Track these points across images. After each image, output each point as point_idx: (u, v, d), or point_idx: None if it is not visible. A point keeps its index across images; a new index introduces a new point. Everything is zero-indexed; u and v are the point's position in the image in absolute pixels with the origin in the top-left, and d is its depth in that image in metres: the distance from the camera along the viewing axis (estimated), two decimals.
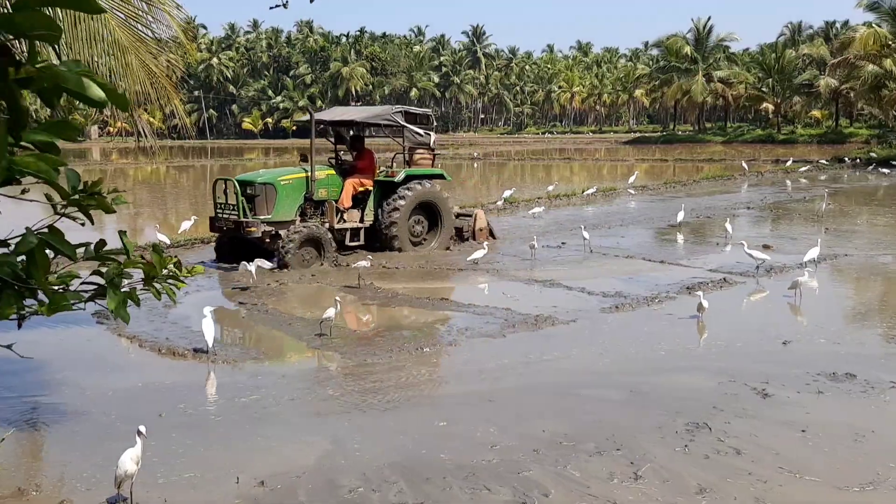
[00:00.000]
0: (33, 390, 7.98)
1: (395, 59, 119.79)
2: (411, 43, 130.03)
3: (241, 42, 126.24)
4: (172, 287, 2.37)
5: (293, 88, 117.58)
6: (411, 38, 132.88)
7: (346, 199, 15.01)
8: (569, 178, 39.48)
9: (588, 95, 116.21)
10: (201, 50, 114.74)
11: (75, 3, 1.38)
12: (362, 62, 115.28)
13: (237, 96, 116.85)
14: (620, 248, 15.98)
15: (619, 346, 9.19)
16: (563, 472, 5.76)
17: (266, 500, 5.39)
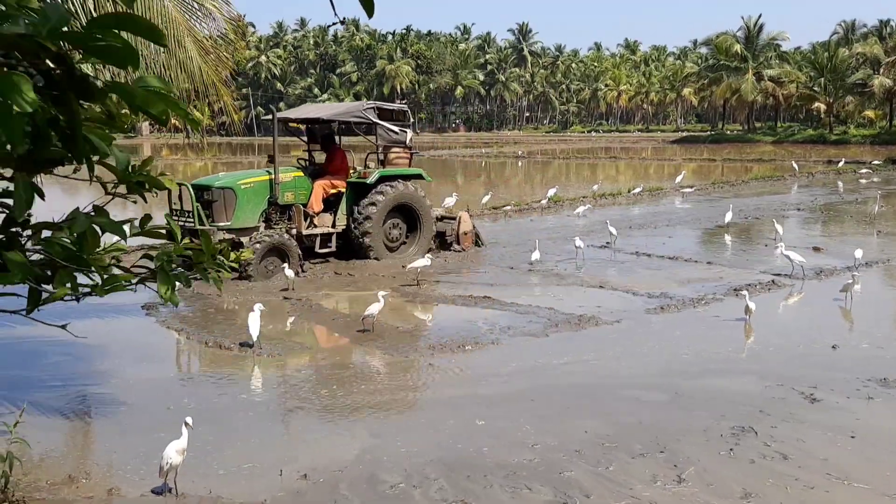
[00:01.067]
0: (81, 379, 8.18)
1: (441, 56, 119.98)
2: (457, 41, 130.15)
3: (289, 40, 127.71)
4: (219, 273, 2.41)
5: (339, 86, 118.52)
6: (457, 35, 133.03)
7: (315, 202, 13.96)
8: (614, 177, 39.14)
9: (635, 94, 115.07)
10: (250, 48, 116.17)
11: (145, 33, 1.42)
12: (407, 60, 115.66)
13: (284, 94, 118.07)
14: (666, 248, 15.80)
15: (664, 347, 9.10)
16: (604, 473, 5.73)
17: (309, 493, 5.46)
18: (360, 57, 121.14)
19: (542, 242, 15.68)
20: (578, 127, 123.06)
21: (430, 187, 18.87)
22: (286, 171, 13.87)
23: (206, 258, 2.37)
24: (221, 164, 51.54)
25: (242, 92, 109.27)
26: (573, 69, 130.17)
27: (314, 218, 13.96)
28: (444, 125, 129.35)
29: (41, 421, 6.74)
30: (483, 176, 41.57)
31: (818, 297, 11.77)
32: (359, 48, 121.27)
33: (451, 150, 70.90)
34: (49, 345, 9.10)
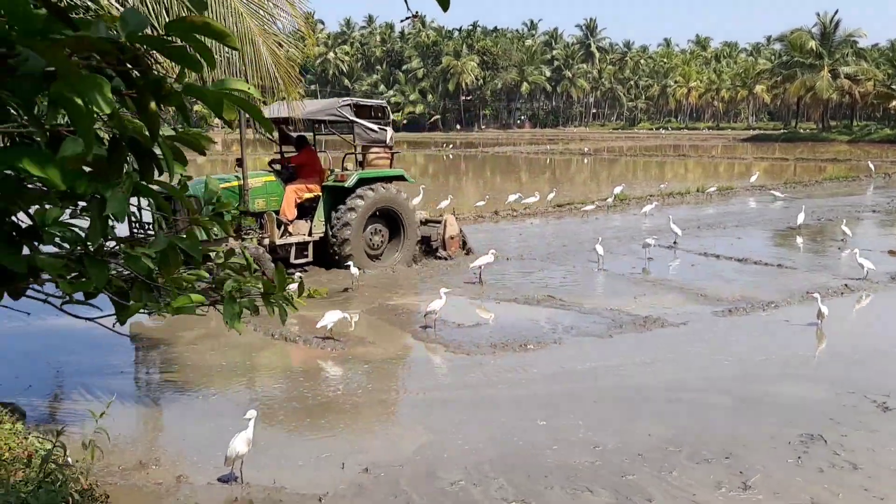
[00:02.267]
0: (152, 367, 8.42)
1: (507, 52, 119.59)
2: (523, 37, 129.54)
3: (356, 37, 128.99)
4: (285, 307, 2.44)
5: (405, 82, 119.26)
6: (523, 31, 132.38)
7: (287, 209, 12.83)
8: (683, 175, 38.41)
9: (705, 91, 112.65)
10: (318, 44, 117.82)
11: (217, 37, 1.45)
12: (473, 56, 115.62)
13: (351, 90, 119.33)
14: (735, 249, 15.44)
15: (731, 350, 8.90)
16: (667, 478, 5.64)
17: (370, 486, 5.51)
18: (426, 53, 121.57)
19: (608, 242, 15.50)
20: (646, 124, 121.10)
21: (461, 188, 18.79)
22: (256, 176, 12.60)
23: (277, 292, 2.40)
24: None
25: (310, 88, 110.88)
26: (642, 65, 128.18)
27: (288, 226, 12.95)
28: (508, 121, 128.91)
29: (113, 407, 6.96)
30: (547, 173, 41.28)
31: (893, 302, 11.36)
32: (425, 44, 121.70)
33: (516, 146, 70.60)
34: (120, 335, 9.40)
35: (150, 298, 2.01)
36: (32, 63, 1.28)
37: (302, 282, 2.51)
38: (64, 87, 1.25)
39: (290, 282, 2.38)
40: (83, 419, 6.65)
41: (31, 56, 1.28)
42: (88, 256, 1.83)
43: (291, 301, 2.43)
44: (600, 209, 22.56)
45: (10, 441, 4.96)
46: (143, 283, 1.94)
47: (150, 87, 1.41)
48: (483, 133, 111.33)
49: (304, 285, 2.50)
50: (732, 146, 69.55)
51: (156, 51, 1.38)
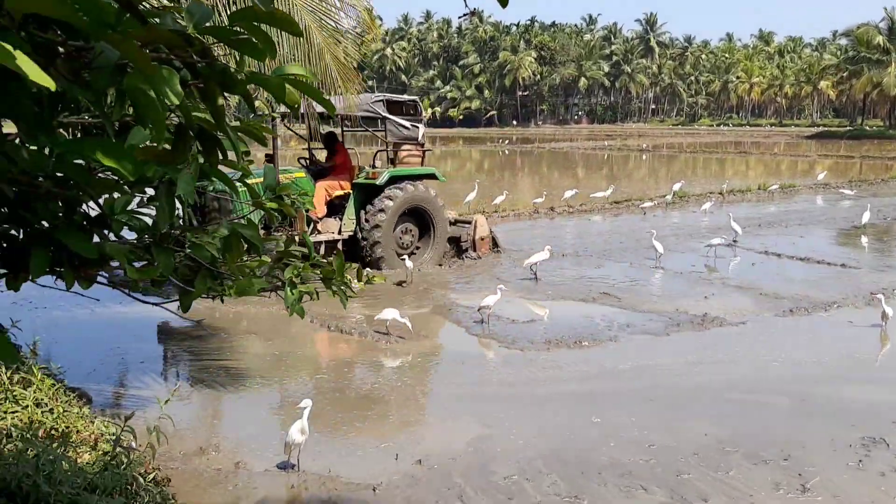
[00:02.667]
0: (213, 355, 8.61)
1: (565, 47, 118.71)
2: (582, 31, 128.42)
3: (414, 33, 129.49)
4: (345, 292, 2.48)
5: (461, 78, 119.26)
6: (582, 26, 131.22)
7: (318, 206, 12.54)
8: (744, 172, 37.64)
9: (768, 86, 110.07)
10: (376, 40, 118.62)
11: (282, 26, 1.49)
12: (531, 51, 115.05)
13: (408, 86, 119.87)
14: (797, 248, 15.09)
15: (791, 351, 8.71)
16: (724, 478, 5.56)
17: (423, 478, 5.56)
18: (483, 48, 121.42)
19: (666, 239, 15.29)
20: (707, 120, 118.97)
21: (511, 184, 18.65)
22: (286, 172, 12.22)
23: (336, 277, 2.44)
24: None
25: (368, 84, 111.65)
26: (703, 60, 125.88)
27: (317, 224, 12.73)
28: (566, 117, 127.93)
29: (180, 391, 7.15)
30: (605, 169, 40.88)
31: None
32: (482, 40, 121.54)
33: (573, 142, 70.06)
34: (181, 321, 9.64)
35: (213, 285, 2.07)
36: (106, 56, 1.33)
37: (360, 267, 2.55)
38: (137, 80, 1.30)
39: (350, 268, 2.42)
40: (146, 404, 6.84)
41: (106, 49, 1.33)
42: (155, 244, 1.89)
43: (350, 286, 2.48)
44: (659, 206, 22.25)
45: (78, 424, 5.13)
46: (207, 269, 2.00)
47: (216, 77, 1.45)
48: (540, 129, 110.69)
49: (362, 271, 2.54)
50: (796, 143, 67.84)
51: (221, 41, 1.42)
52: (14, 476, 3.79)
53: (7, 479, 3.77)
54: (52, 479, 3.75)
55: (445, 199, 23.54)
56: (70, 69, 1.42)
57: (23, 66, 1.01)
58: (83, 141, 1.74)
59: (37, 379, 5.49)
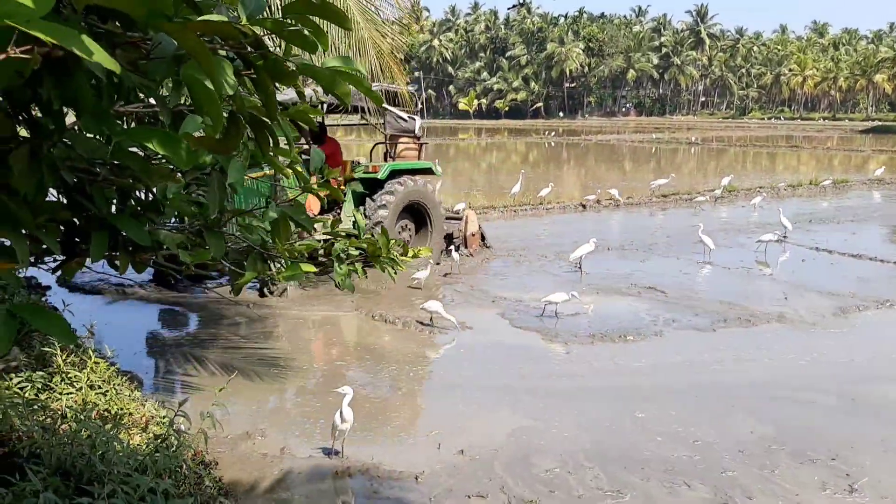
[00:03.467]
0: (260, 341, 8.74)
1: (614, 39, 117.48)
2: (631, 23, 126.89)
3: (461, 24, 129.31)
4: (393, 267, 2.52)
5: (508, 69, 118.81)
6: (631, 17, 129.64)
7: (310, 203, 11.25)
8: (795, 167, 36.89)
9: (821, 79, 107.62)
10: (423, 32, 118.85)
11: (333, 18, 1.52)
12: (579, 43, 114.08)
13: (454, 77, 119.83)
14: (849, 245, 14.76)
15: (842, 349, 8.54)
16: (769, 476, 5.48)
17: (465, 468, 5.58)
18: (530, 40, 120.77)
19: (714, 234, 15.06)
20: (758, 113, 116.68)
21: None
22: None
23: (383, 253, 2.48)
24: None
25: (414, 75, 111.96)
26: (754, 52, 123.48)
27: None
28: (613, 109, 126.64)
29: (222, 379, 7.28)
30: (652, 162, 40.40)
31: None
32: (529, 31, 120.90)
33: (620, 134, 69.35)
34: (226, 306, 9.80)
35: (264, 268, 2.12)
36: (165, 47, 1.37)
37: (405, 243, 2.58)
38: (194, 70, 1.33)
39: (395, 244, 2.45)
40: (194, 389, 6.99)
41: (164, 40, 1.37)
42: (207, 228, 1.94)
43: (397, 261, 2.51)
44: (709, 201, 21.91)
45: (130, 406, 5.26)
46: (258, 252, 2.04)
47: (268, 67, 1.48)
48: (586, 121, 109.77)
49: (407, 246, 2.57)
50: (849, 138, 66.21)
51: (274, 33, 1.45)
52: (69, 455, 3.90)
53: (62, 458, 3.89)
54: (105, 459, 3.86)
55: (491, 190, 23.59)
56: (129, 59, 1.46)
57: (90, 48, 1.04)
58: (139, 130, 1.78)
59: (91, 361, 5.63)
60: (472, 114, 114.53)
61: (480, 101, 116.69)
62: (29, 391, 4.96)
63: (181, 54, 1.37)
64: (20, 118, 1.70)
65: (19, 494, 3.39)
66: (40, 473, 3.59)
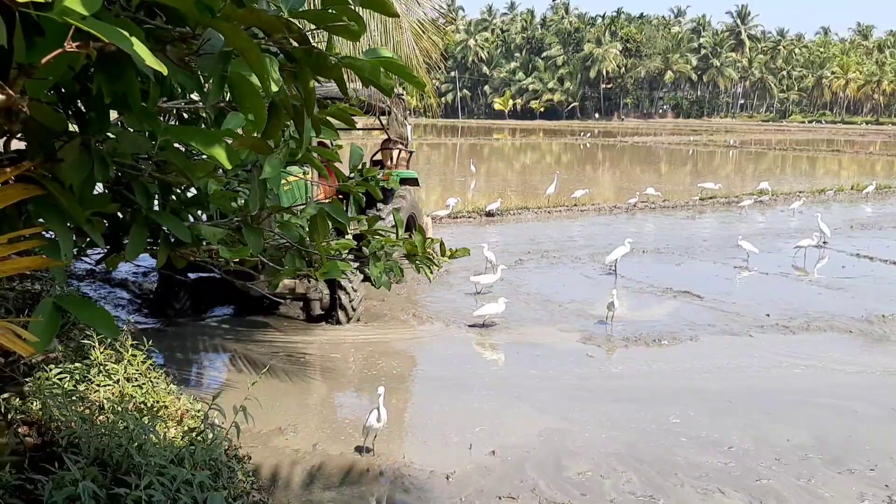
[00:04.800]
0: (293, 339, 8.79)
1: (652, 40, 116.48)
2: (669, 24, 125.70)
3: (497, 24, 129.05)
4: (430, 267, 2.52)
5: (544, 70, 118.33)
6: (670, 18, 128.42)
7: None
8: (836, 171, 36.25)
9: (865, 83, 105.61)
10: (459, 31, 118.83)
11: (378, 8, 1.52)
12: (616, 43, 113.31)
13: (490, 77, 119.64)
14: (892, 252, 14.47)
15: (881, 358, 8.38)
16: (806, 485, 5.39)
17: (496, 469, 5.57)
18: (566, 40, 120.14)
19: (751, 238, 14.85)
20: (798, 116, 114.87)
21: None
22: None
23: (419, 252, 2.48)
24: (427, 144, 53.00)
25: (450, 75, 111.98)
26: (796, 55, 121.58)
27: None
28: (650, 111, 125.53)
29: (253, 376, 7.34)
30: (689, 165, 39.96)
31: None
32: (566, 31, 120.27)
33: (657, 136, 68.70)
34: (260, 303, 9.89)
35: (301, 265, 2.12)
36: (213, 43, 1.38)
37: (442, 242, 2.57)
38: (241, 66, 1.34)
39: (432, 243, 2.44)
40: (227, 384, 7.06)
41: (213, 36, 1.38)
42: (246, 224, 1.95)
43: (435, 261, 2.51)
44: (752, 206, 21.59)
45: (166, 400, 5.32)
46: (296, 249, 2.05)
47: (311, 62, 1.48)
48: (623, 122, 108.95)
49: (444, 245, 2.57)
50: (893, 143, 64.90)
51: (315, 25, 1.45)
52: (106, 446, 3.96)
53: (100, 448, 3.94)
54: (142, 451, 3.91)
55: (525, 190, 23.50)
56: (178, 55, 1.48)
57: (138, 51, 1.06)
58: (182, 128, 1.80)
59: (128, 354, 5.71)
60: (507, 114, 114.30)
61: (515, 101, 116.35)
62: (68, 382, 5.03)
63: (228, 51, 1.37)
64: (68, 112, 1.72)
65: (58, 483, 3.44)
66: (78, 463, 3.64)
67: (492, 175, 31.45)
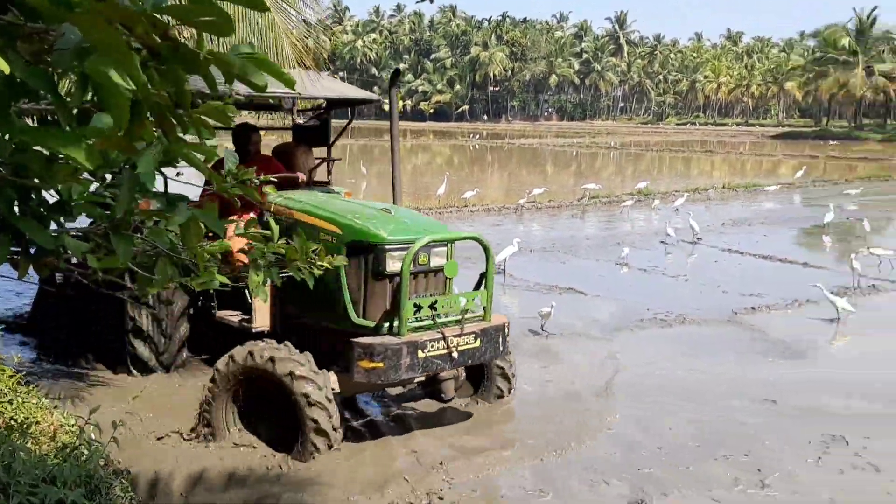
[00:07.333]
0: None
1: (536, 44, 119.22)
2: (553, 28, 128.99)
3: (385, 25, 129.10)
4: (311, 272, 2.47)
5: (433, 72, 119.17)
6: (553, 23, 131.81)
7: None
8: (709, 171, 38.09)
9: (735, 86, 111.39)
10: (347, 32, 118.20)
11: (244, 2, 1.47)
12: (502, 47, 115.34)
13: (379, 78, 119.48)
14: (760, 247, 15.31)
15: (751, 350, 8.85)
16: (685, 472, 5.62)
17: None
18: (454, 43, 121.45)
19: (631, 237, 15.46)
20: (674, 119, 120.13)
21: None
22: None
23: (299, 257, 2.42)
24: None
25: (339, 76, 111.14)
26: (671, 59, 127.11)
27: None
28: (536, 113, 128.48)
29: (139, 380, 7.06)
30: (573, 166, 41.12)
31: None
32: (454, 34, 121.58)
33: (542, 138, 70.39)
34: None
35: (174, 273, 2.04)
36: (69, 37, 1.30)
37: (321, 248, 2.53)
38: (101, 62, 1.27)
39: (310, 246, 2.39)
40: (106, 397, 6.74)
41: (68, 30, 1.30)
42: (114, 232, 1.86)
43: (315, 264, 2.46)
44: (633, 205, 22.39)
45: (37, 415, 5.05)
46: (167, 256, 1.97)
47: (177, 58, 1.43)
48: (510, 125, 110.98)
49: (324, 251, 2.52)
50: (761, 143, 68.80)
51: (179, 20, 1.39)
52: None
53: None
54: (10, 470, 3.69)
55: (416, 191, 23.60)
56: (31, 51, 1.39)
57: None
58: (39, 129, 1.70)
59: None
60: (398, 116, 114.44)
61: (405, 102, 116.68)
62: None
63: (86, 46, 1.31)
64: None
65: None
66: None
67: (383, 176, 31.38)
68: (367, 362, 5.46)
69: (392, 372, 5.48)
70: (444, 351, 5.66)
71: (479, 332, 5.91)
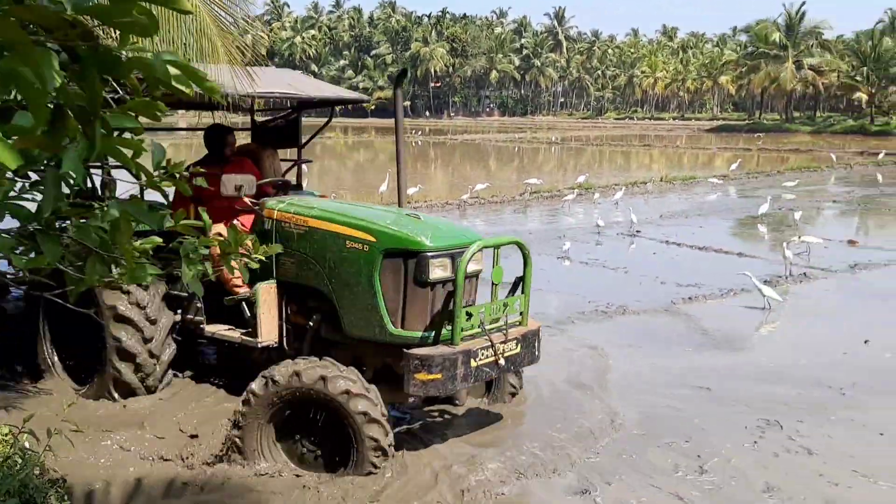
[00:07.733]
0: None
1: (476, 40, 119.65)
2: (492, 24, 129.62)
3: (324, 21, 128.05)
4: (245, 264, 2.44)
5: (373, 68, 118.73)
6: (493, 19, 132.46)
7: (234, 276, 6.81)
8: (648, 165, 38.79)
9: (671, 81, 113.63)
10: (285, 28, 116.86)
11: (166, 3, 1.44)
12: (442, 43, 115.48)
13: (319, 75, 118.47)
14: (697, 238, 15.65)
15: (688, 340, 9.04)
16: (627, 460, 5.72)
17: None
18: (395, 39, 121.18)
19: (573, 230, 15.65)
20: (613, 113, 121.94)
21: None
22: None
23: (233, 250, 2.38)
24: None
25: None
26: (609, 55, 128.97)
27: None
28: (478, 109, 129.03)
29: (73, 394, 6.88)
30: (516, 161, 41.41)
31: (852, 290, 11.61)
32: (394, 30, 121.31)
33: (485, 134, 70.72)
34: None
35: (104, 272, 2.00)
36: None
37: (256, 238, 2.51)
38: (15, 62, 1.25)
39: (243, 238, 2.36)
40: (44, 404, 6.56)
41: None
42: (40, 231, 1.82)
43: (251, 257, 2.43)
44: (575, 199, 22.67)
45: None
46: (97, 255, 1.92)
47: (96, 60, 1.40)
48: (452, 121, 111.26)
49: (258, 242, 2.50)
50: (697, 136, 70.37)
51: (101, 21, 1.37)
52: None
53: None
54: None
55: (359, 188, 23.49)
56: None
57: None
58: None
59: None
60: (338, 112, 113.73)
61: None
62: None
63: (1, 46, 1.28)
64: None
65: None
66: None
67: (325, 173, 31.20)
68: (424, 374, 5.22)
69: (449, 383, 5.28)
70: (493, 358, 5.51)
71: (520, 338, 5.81)
